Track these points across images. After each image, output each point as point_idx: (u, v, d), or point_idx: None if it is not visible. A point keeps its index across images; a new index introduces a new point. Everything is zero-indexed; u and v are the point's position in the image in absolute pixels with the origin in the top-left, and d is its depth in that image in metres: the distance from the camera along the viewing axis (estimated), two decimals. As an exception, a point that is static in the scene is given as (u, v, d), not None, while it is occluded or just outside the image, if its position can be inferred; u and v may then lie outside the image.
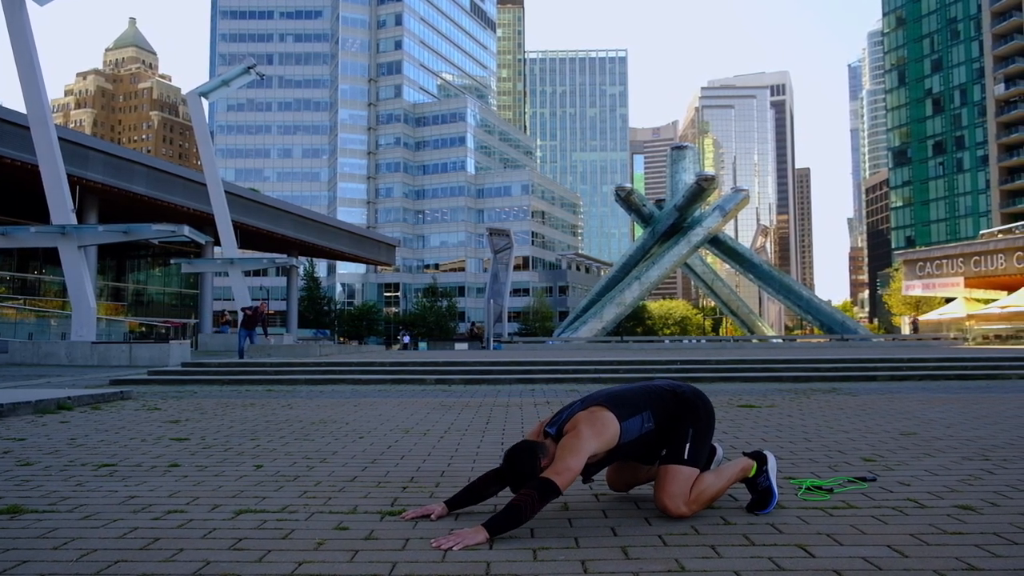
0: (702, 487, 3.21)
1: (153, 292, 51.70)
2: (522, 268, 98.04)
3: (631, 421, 3.13)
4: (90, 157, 31.60)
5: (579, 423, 3.05)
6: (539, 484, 2.87)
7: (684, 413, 3.24)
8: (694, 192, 44.80)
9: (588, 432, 3.00)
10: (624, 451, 3.19)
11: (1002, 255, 38.67)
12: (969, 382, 11.85)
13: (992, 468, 4.20)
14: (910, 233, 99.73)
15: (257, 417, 7.24)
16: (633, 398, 3.22)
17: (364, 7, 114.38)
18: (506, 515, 2.82)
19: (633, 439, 3.15)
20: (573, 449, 2.95)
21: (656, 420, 3.20)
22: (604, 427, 3.05)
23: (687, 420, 3.23)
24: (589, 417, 3.07)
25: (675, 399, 3.27)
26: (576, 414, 3.11)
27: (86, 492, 3.76)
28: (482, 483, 3.20)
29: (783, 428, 6.09)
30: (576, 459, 2.94)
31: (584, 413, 3.10)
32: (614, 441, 3.08)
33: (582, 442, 2.97)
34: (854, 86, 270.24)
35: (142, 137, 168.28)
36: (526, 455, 3.00)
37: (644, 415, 3.17)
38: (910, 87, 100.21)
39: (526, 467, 2.96)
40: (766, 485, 3.28)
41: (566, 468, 2.91)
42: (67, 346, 19.07)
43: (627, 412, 3.14)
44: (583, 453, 2.96)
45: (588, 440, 2.99)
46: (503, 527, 2.81)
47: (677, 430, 3.22)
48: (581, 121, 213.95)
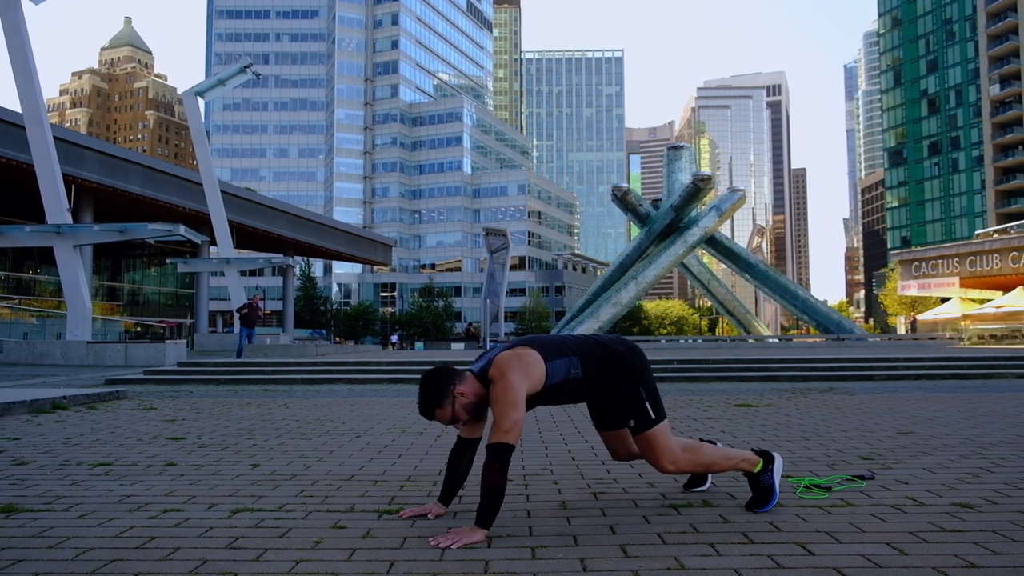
0: (701, 450, 3.31)
1: (149, 292, 51.62)
2: (518, 268, 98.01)
3: (557, 363, 3.09)
4: (85, 156, 31.53)
5: (504, 367, 2.97)
6: (495, 453, 2.82)
7: (622, 369, 3.21)
8: (690, 192, 44.79)
9: (517, 376, 2.94)
10: (552, 394, 3.14)
11: (997, 255, 38.74)
12: (965, 381, 11.87)
13: (990, 466, 4.20)
14: (906, 233, 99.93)
15: (253, 416, 7.22)
16: (561, 342, 3.19)
17: (360, 7, 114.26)
18: (487, 501, 2.80)
19: (559, 381, 3.10)
20: (509, 400, 2.89)
21: (584, 368, 3.14)
22: (530, 366, 3.01)
23: (632, 379, 3.21)
24: (514, 358, 3.02)
25: (607, 352, 3.22)
26: (500, 354, 3.06)
27: (81, 491, 3.74)
28: (452, 465, 3.18)
29: (781, 427, 6.09)
30: (517, 410, 2.88)
31: (508, 353, 3.05)
32: (541, 382, 3.04)
33: (514, 389, 2.91)
34: (850, 86, 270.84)
35: (138, 137, 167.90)
36: (440, 375, 2.99)
37: (571, 359, 3.12)
38: (906, 88, 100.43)
39: (438, 388, 2.96)
40: (768, 484, 3.27)
41: (512, 423, 2.86)
42: (62, 346, 19.02)
43: (553, 354, 3.10)
44: (521, 401, 2.91)
45: (519, 384, 2.93)
46: (491, 514, 2.79)
47: (627, 391, 3.20)
48: (577, 121, 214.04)
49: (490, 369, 3.02)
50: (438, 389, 2.96)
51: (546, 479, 3.98)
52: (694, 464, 3.28)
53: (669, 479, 3.90)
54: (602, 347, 3.24)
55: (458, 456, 3.17)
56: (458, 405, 2.97)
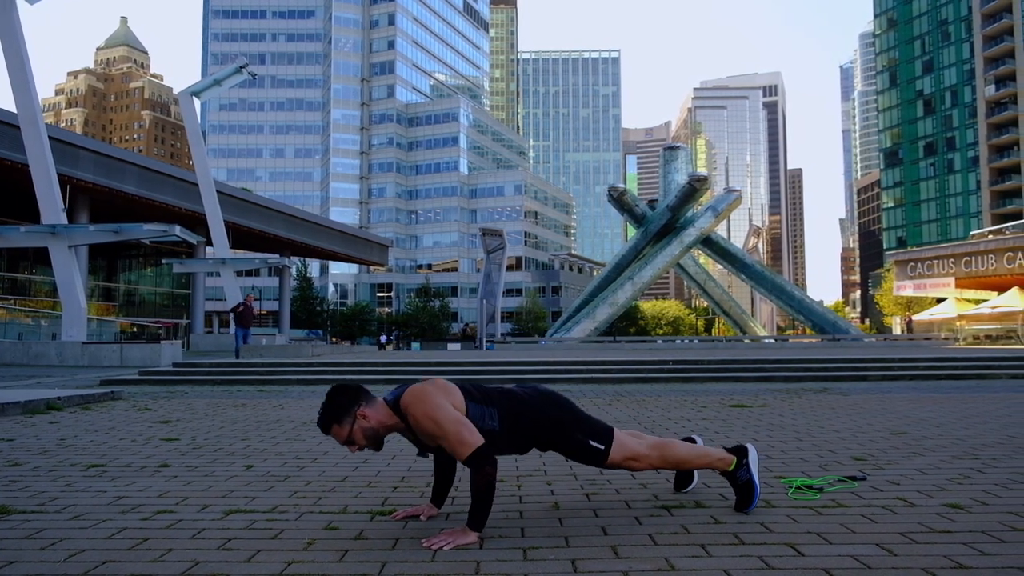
0: (670, 447, 3.27)
1: (144, 292, 51.51)
2: (515, 268, 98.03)
3: (473, 406, 2.97)
4: (81, 156, 31.46)
5: (419, 393, 2.89)
6: (476, 461, 2.77)
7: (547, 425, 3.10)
8: (687, 193, 44.89)
9: (431, 397, 2.86)
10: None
11: (992, 256, 38.86)
12: (960, 382, 11.91)
13: (981, 467, 4.22)
14: (901, 234, 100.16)
15: (248, 417, 7.22)
16: (478, 391, 3.08)
17: (357, 7, 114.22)
18: (477, 504, 2.79)
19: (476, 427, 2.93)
20: (440, 419, 2.80)
21: (501, 422, 3.02)
22: (448, 392, 2.93)
23: (563, 430, 3.12)
24: (428, 384, 2.95)
25: (523, 407, 3.10)
26: (413, 385, 2.97)
27: (75, 492, 3.74)
28: (438, 467, 3.18)
29: (774, 428, 6.11)
30: (455, 422, 2.81)
31: (420, 384, 2.97)
32: (462, 408, 2.91)
33: (440, 407, 2.83)
34: (846, 87, 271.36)
35: (133, 137, 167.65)
36: (348, 392, 2.91)
37: (488, 410, 3.00)
38: (901, 88, 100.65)
39: (341, 402, 2.87)
40: (746, 479, 3.25)
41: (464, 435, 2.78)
42: (57, 346, 18.98)
43: (470, 396, 3.01)
44: (450, 411, 2.83)
45: (441, 401, 2.85)
46: (482, 515, 2.79)
47: (565, 445, 3.14)
48: (574, 121, 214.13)
49: (403, 397, 2.92)
50: (341, 405, 2.87)
51: (539, 480, 3.99)
52: (663, 460, 3.24)
53: (662, 480, 3.91)
54: (516, 398, 3.11)
55: (441, 457, 3.18)
56: (357, 427, 2.86)
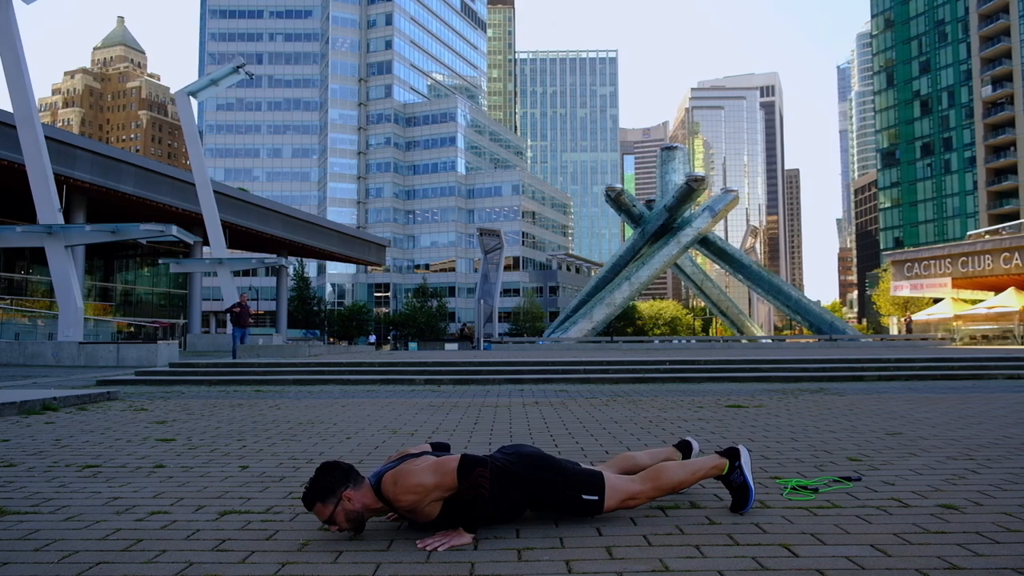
0: (662, 475, 3.24)
1: (141, 292, 51.45)
2: (512, 268, 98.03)
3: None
4: (77, 156, 31.42)
5: (395, 475, 2.86)
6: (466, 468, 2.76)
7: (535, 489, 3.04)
8: (684, 193, 44.89)
9: (408, 476, 2.83)
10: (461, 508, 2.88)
11: (989, 256, 38.91)
12: (956, 382, 11.93)
13: (976, 468, 4.22)
14: (898, 234, 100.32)
15: (244, 418, 7.21)
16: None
17: (354, 7, 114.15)
18: (472, 507, 2.79)
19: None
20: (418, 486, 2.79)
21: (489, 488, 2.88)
22: (441, 463, 2.85)
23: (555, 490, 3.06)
24: (406, 465, 2.90)
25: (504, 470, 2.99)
26: (389, 472, 2.91)
27: (69, 493, 3.73)
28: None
29: (770, 428, 6.11)
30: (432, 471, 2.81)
31: (399, 468, 2.91)
32: (452, 481, 2.81)
33: (414, 476, 2.82)
34: (843, 87, 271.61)
35: (130, 136, 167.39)
36: (338, 472, 2.88)
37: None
38: (898, 89, 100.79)
39: (329, 481, 2.83)
40: (740, 481, 3.26)
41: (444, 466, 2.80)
42: (54, 346, 18.94)
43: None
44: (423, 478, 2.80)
45: (415, 475, 2.82)
46: (475, 517, 2.79)
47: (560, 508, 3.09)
48: (572, 121, 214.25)
49: (382, 485, 2.87)
50: (328, 485, 2.82)
51: (535, 481, 3.98)
52: (659, 491, 3.22)
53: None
54: (502, 471, 2.98)
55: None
56: (340, 508, 2.80)
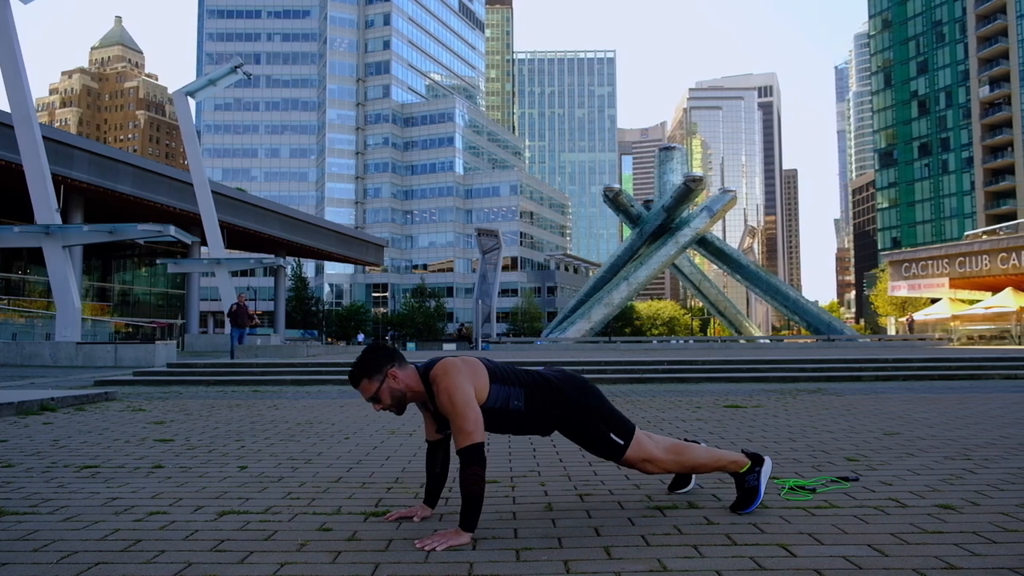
0: (687, 451, 3.31)
1: (139, 292, 51.42)
2: (510, 268, 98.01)
3: (499, 387, 3.05)
4: (75, 156, 31.39)
5: (448, 367, 2.96)
6: (469, 457, 2.81)
7: (572, 410, 3.18)
8: (682, 193, 44.93)
9: (460, 376, 2.93)
10: (493, 417, 3.06)
11: (986, 256, 38.97)
12: (953, 382, 11.95)
13: (973, 468, 4.23)
14: (896, 234, 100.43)
15: (243, 418, 7.21)
16: (505, 372, 3.14)
17: (352, 7, 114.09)
18: (468, 505, 2.80)
19: (498, 407, 3.05)
20: (460, 400, 2.87)
21: (527, 403, 3.11)
22: (475, 372, 3.00)
23: (588, 419, 3.19)
24: (458, 361, 3.01)
25: (550, 388, 3.18)
26: (444, 359, 3.05)
27: (68, 494, 3.73)
28: (429, 467, 3.20)
29: (768, 428, 6.12)
30: (472, 408, 2.88)
31: (451, 359, 3.05)
32: (483, 394, 2.99)
33: (461, 389, 2.89)
34: (841, 88, 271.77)
35: (128, 136, 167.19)
36: (385, 351, 3.00)
37: (513, 390, 3.09)
38: (896, 89, 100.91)
39: (376, 358, 2.96)
40: (753, 485, 3.28)
41: (473, 423, 2.86)
42: (51, 347, 18.92)
43: (496, 377, 3.07)
44: (471, 397, 2.90)
45: (464, 383, 2.92)
46: (473, 516, 2.80)
47: (589, 432, 3.20)
48: (570, 122, 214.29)
49: (432, 371, 2.99)
50: (375, 361, 2.96)
51: (533, 480, 3.99)
52: (679, 465, 3.30)
53: (655, 480, 3.91)
54: (545, 382, 3.19)
55: (431, 458, 3.21)
56: (386, 385, 2.94)
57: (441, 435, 3.17)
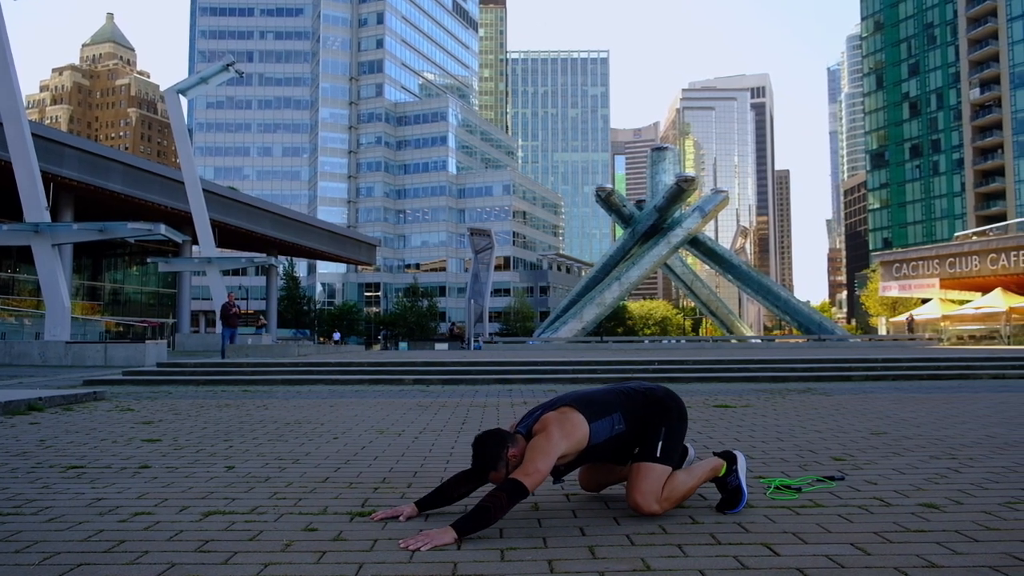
0: (674, 485, 3.25)
1: (130, 291, 51.19)
2: (503, 268, 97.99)
3: (601, 423, 3.15)
4: (65, 154, 31.22)
5: (549, 424, 3.05)
6: (508, 485, 2.87)
7: (655, 412, 3.26)
8: (674, 193, 45.01)
9: (558, 434, 3.02)
10: (595, 453, 3.21)
11: (976, 257, 39.19)
12: (942, 382, 12.01)
13: (958, 467, 4.26)
14: (887, 235, 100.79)
15: (232, 418, 7.19)
16: (603, 400, 3.23)
17: (346, 5, 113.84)
18: (475, 516, 2.82)
19: (603, 441, 3.16)
20: (543, 450, 2.96)
21: (627, 422, 3.21)
22: (574, 428, 3.07)
23: (659, 419, 3.25)
24: (559, 418, 3.09)
25: (644, 399, 3.29)
26: (546, 415, 3.12)
27: (52, 494, 3.72)
28: (452, 484, 3.20)
29: (756, 428, 6.14)
30: (545, 461, 2.95)
31: (554, 414, 3.11)
32: (584, 443, 3.10)
33: (552, 444, 2.99)
34: (833, 89, 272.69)
35: (119, 134, 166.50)
36: (494, 440, 3.03)
37: (614, 417, 3.19)
38: (888, 91, 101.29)
39: (492, 451, 2.98)
40: (736, 484, 3.31)
41: (535, 470, 2.91)
42: (40, 346, 18.82)
43: (597, 414, 3.15)
44: (552, 455, 2.97)
45: (558, 442, 3.00)
46: (472, 527, 2.81)
47: (649, 429, 3.25)
48: (563, 121, 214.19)
49: (534, 427, 3.10)
50: (493, 454, 3.00)
51: (520, 481, 3.99)
52: (672, 504, 3.24)
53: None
54: (641, 395, 3.32)
55: (463, 480, 3.20)
56: (511, 467, 3.00)
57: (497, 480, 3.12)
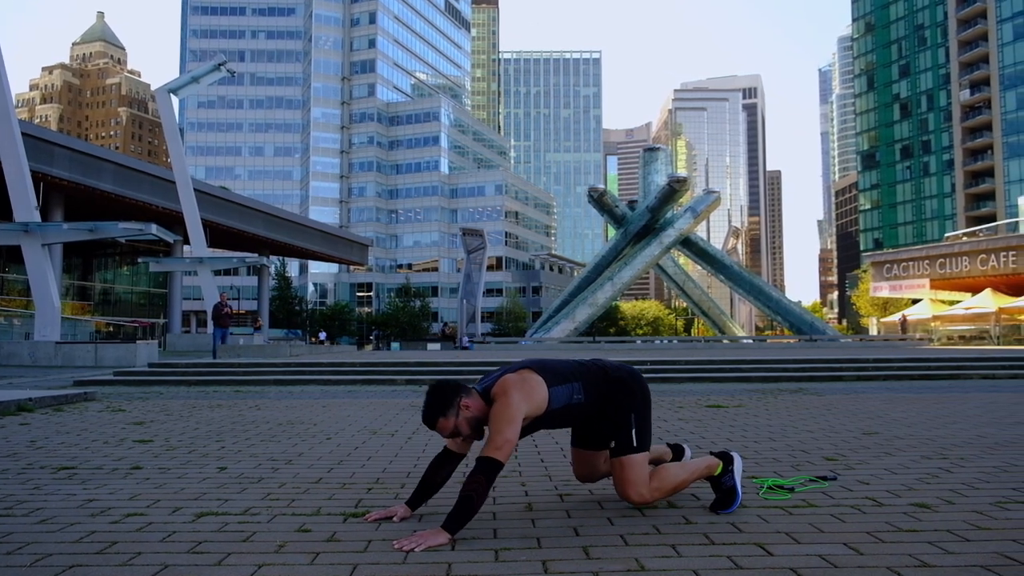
0: (666, 475, 3.29)
1: (121, 291, 50.99)
2: (495, 268, 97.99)
3: (560, 388, 3.15)
4: (55, 153, 31.05)
5: (509, 388, 3.03)
6: (483, 466, 2.86)
7: (620, 395, 3.27)
8: (666, 194, 45.05)
9: (518, 396, 3.00)
10: (553, 419, 3.21)
11: (966, 257, 39.38)
12: (932, 382, 12.06)
13: (949, 467, 4.28)
14: (878, 235, 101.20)
15: (224, 418, 7.17)
16: (565, 368, 3.24)
17: (338, 5, 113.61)
18: (461, 509, 2.82)
19: (561, 407, 3.16)
20: (507, 418, 2.94)
21: (587, 394, 3.21)
22: (533, 390, 3.07)
23: (626, 405, 3.26)
24: (519, 381, 3.07)
25: (605, 376, 3.29)
26: (505, 376, 3.11)
27: (43, 495, 3.70)
28: (431, 472, 3.20)
29: (749, 428, 6.16)
30: (512, 428, 2.94)
31: (514, 376, 3.10)
32: (543, 407, 3.09)
33: (514, 409, 2.96)
34: (824, 90, 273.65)
35: (110, 133, 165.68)
36: (450, 386, 3.05)
37: (574, 385, 3.19)
38: (878, 92, 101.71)
39: (445, 397, 3.01)
40: (730, 485, 3.31)
41: (505, 440, 2.91)
42: (30, 346, 18.70)
43: (556, 380, 3.16)
44: (517, 420, 2.96)
45: (519, 405, 2.98)
46: (461, 521, 2.81)
47: (618, 416, 3.25)
48: (555, 122, 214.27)
49: (494, 389, 3.07)
50: (444, 399, 3.01)
51: (514, 480, 3.99)
52: (663, 493, 3.29)
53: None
54: (602, 372, 3.30)
55: (438, 465, 3.20)
56: (462, 417, 3.02)
57: (466, 449, 3.19)
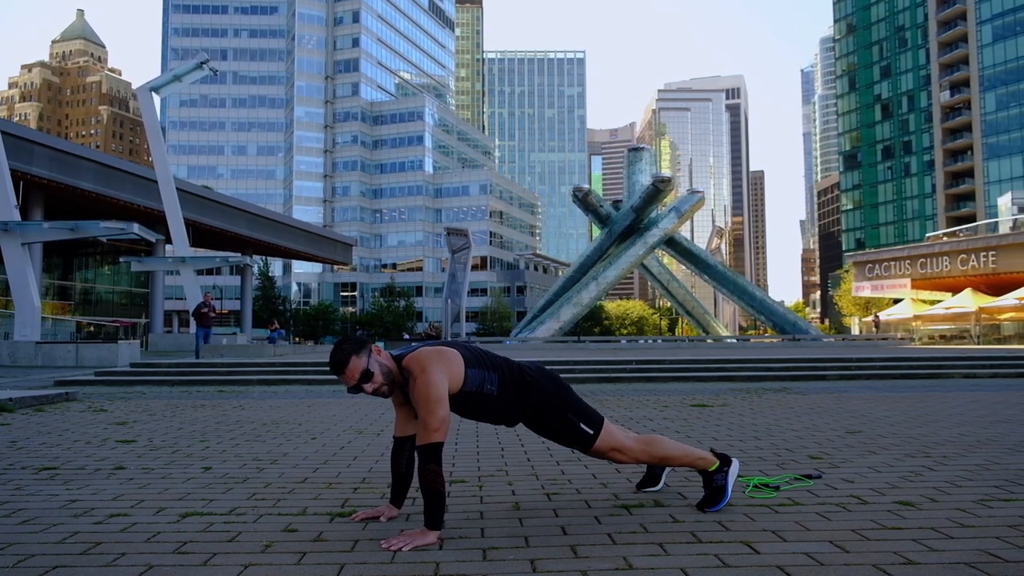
0: (659, 442, 3.37)
1: (102, 291, 50.49)
2: (480, 268, 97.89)
3: (476, 371, 3.09)
4: (35, 152, 30.69)
5: (425, 362, 2.95)
6: (428, 454, 2.82)
7: (542, 399, 3.23)
8: (650, 193, 45.20)
9: (436, 369, 2.93)
10: (464, 402, 3.11)
11: (947, 257, 39.80)
12: (914, 381, 12.18)
13: (932, 465, 4.32)
14: (860, 235, 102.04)
15: (207, 418, 7.12)
16: (481, 356, 3.19)
17: (321, 4, 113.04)
18: (431, 502, 2.81)
19: (474, 390, 3.09)
20: (434, 397, 2.88)
21: (499, 388, 3.15)
22: (451, 362, 3.00)
23: (559, 408, 3.25)
24: (435, 354, 3.01)
25: (523, 378, 3.23)
26: (421, 349, 3.06)
27: (25, 496, 3.65)
28: (394, 465, 3.19)
29: (734, 427, 6.19)
30: (441, 405, 2.89)
31: (430, 350, 3.05)
32: (459, 383, 3.02)
33: (437, 387, 2.90)
34: (807, 90, 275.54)
35: (90, 132, 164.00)
36: (356, 339, 2.99)
37: (488, 374, 3.12)
38: (860, 92, 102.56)
39: (354, 345, 2.94)
40: (721, 484, 3.33)
41: (439, 422, 2.86)
42: (10, 346, 18.49)
43: (472, 362, 3.11)
44: (443, 393, 2.91)
45: (441, 379, 2.92)
46: (438, 514, 2.81)
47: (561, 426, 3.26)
48: (539, 121, 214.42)
49: (407, 359, 2.99)
50: (357, 341, 2.96)
51: (500, 480, 3.99)
52: (649, 455, 3.36)
53: (622, 479, 3.94)
54: (519, 371, 3.25)
55: (396, 455, 3.19)
56: (374, 360, 2.93)
57: (412, 429, 3.15)
